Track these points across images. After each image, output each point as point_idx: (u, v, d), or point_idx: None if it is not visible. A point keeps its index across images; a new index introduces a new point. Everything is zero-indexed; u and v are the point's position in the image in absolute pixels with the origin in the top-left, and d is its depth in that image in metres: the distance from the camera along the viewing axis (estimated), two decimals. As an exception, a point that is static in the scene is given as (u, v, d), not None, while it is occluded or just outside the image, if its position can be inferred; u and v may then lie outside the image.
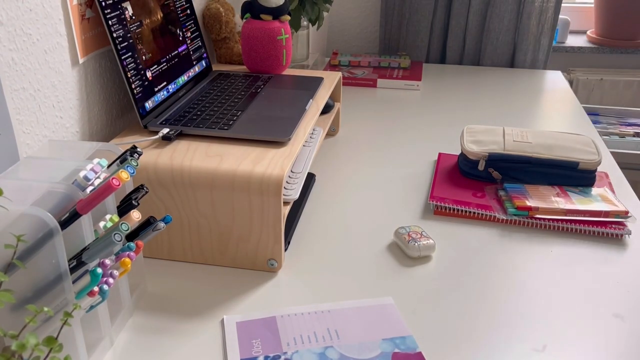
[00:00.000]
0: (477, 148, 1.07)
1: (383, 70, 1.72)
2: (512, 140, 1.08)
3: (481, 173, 1.07)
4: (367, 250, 0.90)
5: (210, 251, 0.86)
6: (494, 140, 1.09)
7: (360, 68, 1.75)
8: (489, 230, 0.96)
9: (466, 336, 0.73)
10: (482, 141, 1.09)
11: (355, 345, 0.71)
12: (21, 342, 0.47)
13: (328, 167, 1.16)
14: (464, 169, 1.09)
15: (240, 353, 0.70)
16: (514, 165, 1.05)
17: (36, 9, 0.79)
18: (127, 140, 0.90)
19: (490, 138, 1.10)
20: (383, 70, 1.72)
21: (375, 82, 1.64)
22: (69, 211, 0.61)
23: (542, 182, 1.05)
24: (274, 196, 0.80)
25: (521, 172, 1.05)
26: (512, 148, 1.06)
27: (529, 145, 1.07)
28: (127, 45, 0.93)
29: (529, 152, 1.05)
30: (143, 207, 0.83)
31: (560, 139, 1.10)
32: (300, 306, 0.78)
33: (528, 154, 1.05)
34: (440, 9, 1.83)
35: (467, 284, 0.83)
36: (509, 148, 1.06)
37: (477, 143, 1.08)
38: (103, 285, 0.62)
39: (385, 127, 1.36)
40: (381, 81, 1.65)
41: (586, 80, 2.03)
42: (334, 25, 1.97)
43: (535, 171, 1.04)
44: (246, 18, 1.19)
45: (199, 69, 1.16)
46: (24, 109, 0.78)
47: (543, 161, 1.04)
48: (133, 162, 0.65)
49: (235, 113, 0.97)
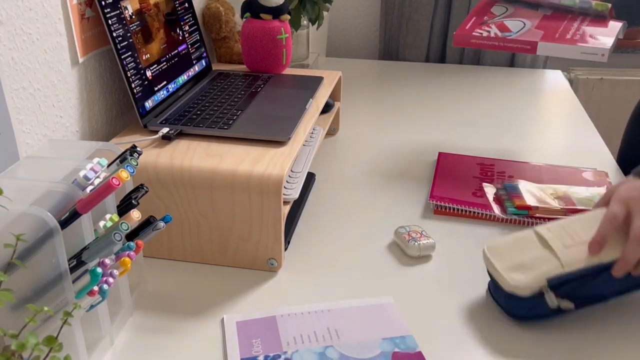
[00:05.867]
0: (526, 278, 0.72)
1: (558, 20, 1.11)
2: (564, 246, 0.74)
3: (552, 310, 0.73)
4: (367, 250, 0.90)
5: (210, 251, 0.86)
6: (541, 256, 0.74)
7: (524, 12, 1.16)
8: (489, 230, 0.96)
9: (466, 336, 0.73)
10: (523, 264, 0.74)
11: (355, 344, 0.71)
12: (21, 341, 0.47)
13: (328, 166, 1.16)
14: (519, 313, 0.75)
15: (240, 352, 0.70)
16: (584, 280, 0.72)
17: (36, 8, 0.79)
18: (127, 139, 0.90)
19: (532, 254, 0.75)
20: (558, 20, 1.11)
21: (534, 47, 1.05)
22: (69, 211, 0.61)
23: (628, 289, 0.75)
24: (274, 196, 0.80)
25: (597, 285, 0.73)
26: (572, 259, 0.72)
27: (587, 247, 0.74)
28: (127, 45, 0.93)
29: (596, 258, 0.73)
30: (143, 206, 0.83)
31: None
32: (300, 306, 0.78)
33: (596, 262, 0.72)
34: (440, 8, 1.83)
35: (467, 284, 0.83)
36: (569, 261, 0.72)
37: (521, 269, 0.73)
38: (103, 285, 0.62)
39: (385, 126, 1.36)
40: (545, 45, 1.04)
41: (586, 80, 2.02)
42: (334, 25, 1.97)
43: (613, 278, 0.72)
44: (246, 17, 1.19)
45: (198, 69, 1.16)
46: (23, 109, 0.78)
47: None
48: (133, 161, 0.65)
49: (235, 112, 0.97)
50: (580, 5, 1.08)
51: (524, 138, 1.31)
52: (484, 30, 1.09)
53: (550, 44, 1.03)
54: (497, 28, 1.09)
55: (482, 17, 1.14)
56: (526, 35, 1.06)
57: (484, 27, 1.11)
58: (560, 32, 1.05)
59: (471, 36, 1.09)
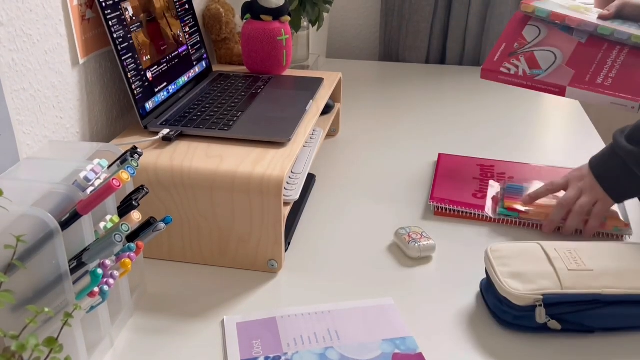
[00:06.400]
0: (523, 288, 0.72)
1: (592, 52, 1.01)
2: (567, 269, 0.74)
3: (538, 325, 0.73)
4: (367, 251, 0.90)
5: (210, 252, 0.86)
6: (543, 272, 0.74)
7: (558, 36, 1.06)
8: (490, 231, 0.96)
9: (467, 337, 0.73)
10: (523, 274, 0.74)
11: (355, 345, 0.71)
12: (21, 342, 0.47)
13: (328, 167, 1.16)
14: (504, 319, 0.74)
15: (240, 354, 0.70)
16: (579, 307, 0.72)
17: (36, 9, 0.79)
18: (127, 141, 0.90)
19: (534, 267, 0.75)
20: (592, 52, 1.01)
21: (563, 91, 1.00)
22: (69, 212, 0.61)
23: (617, 328, 0.75)
24: (274, 197, 0.80)
25: (589, 316, 0.73)
26: (572, 283, 0.73)
27: (590, 274, 0.74)
28: (128, 46, 0.93)
29: (596, 288, 0.72)
30: (143, 207, 0.83)
31: (629, 258, 0.77)
32: (301, 307, 0.78)
33: (595, 291, 0.72)
34: (440, 10, 1.83)
35: (468, 285, 0.83)
36: (568, 283, 0.73)
37: (520, 278, 0.74)
38: (103, 286, 0.62)
39: (385, 127, 1.36)
40: (574, 91, 0.98)
41: (586, 81, 2.02)
42: (334, 26, 1.97)
43: (606, 314, 0.73)
44: (246, 19, 1.19)
45: (199, 70, 1.16)
46: (24, 110, 0.78)
47: (618, 299, 0.72)
48: (133, 162, 0.65)
49: (236, 114, 0.97)
50: (616, 36, 1.02)
51: (524, 139, 1.31)
52: (512, 65, 1.05)
53: (580, 90, 0.99)
54: (527, 62, 1.05)
55: (512, 44, 1.09)
56: (556, 75, 1.02)
57: (512, 59, 1.06)
58: (591, 74, 1.00)
59: (499, 72, 1.06)
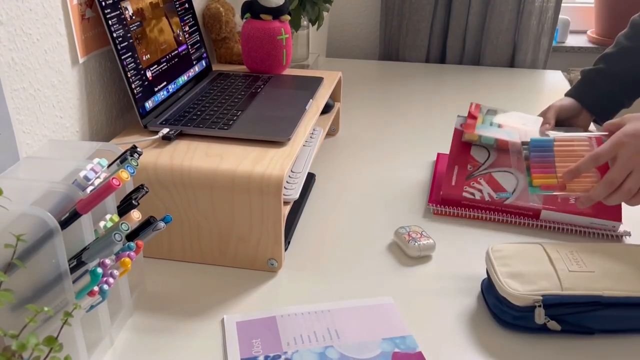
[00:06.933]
0: (523, 288, 0.73)
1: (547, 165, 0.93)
2: (568, 270, 0.75)
3: (537, 326, 0.73)
4: (367, 250, 0.90)
5: (210, 251, 0.86)
6: (543, 273, 0.74)
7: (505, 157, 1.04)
8: (490, 231, 0.96)
9: (466, 336, 0.73)
10: (524, 274, 0.74)
11: (355, 345, 0.71)
12: (21, 341, 0.47)
13: (328, 167, 1.16)
14: (504, 318, 0.74)
15: (240, 353, 0.70)
16: (578, 309, 0.72)
17: (36, 8, 0.79)
18: (127, 140, 0.90)
19: (535, 268, 0.75)
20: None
21: (537, 214, 0.96)
22: (69, 211, 0.61)
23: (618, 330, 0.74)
24: (274, 196, 0.80)
25: (589, 318, 0.73)
26: (573, 284, 0.73)
27: (591, 276, 0.74)
28: (127, 45, 0.93)
29: (597, 290, 0.72)
30: (143, 207, 0.83)
31: (631, 260, 0.77)
32: (300, 306, 0.78)
33: (596, 292, 0.72)
34: (440, 9, 1.83)
35: (467, 284, 0.83)
36: (569, 285, 0.73)
37: (520, 278, 0.74)
38: (103, 285, 0.62)
39: (385, 127, 1.36)
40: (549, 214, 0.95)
41: (586, 80, 2.02)
42: (334, 25, 1.97)
43: (606, 316, 0.73)
44: (246, 18, 1.19)
45: (198, 69, 1.16)
46: (24, 109, 0.78)
47: (618, 301, 0.72)
48: (133, 162, 0.65)
49: (235, 113, 0.97)
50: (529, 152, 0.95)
51: (524, 138, 1.31)
52: (474, 189, 0.99)
53: (556, 213, 0.95)
54: (489, 186, 0.99)
55: (465, 166, 1.03)
56: (524, 197, 0.96)
57: (472, 182, 1.00)
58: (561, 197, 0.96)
59: (462, 198, 0.99)
